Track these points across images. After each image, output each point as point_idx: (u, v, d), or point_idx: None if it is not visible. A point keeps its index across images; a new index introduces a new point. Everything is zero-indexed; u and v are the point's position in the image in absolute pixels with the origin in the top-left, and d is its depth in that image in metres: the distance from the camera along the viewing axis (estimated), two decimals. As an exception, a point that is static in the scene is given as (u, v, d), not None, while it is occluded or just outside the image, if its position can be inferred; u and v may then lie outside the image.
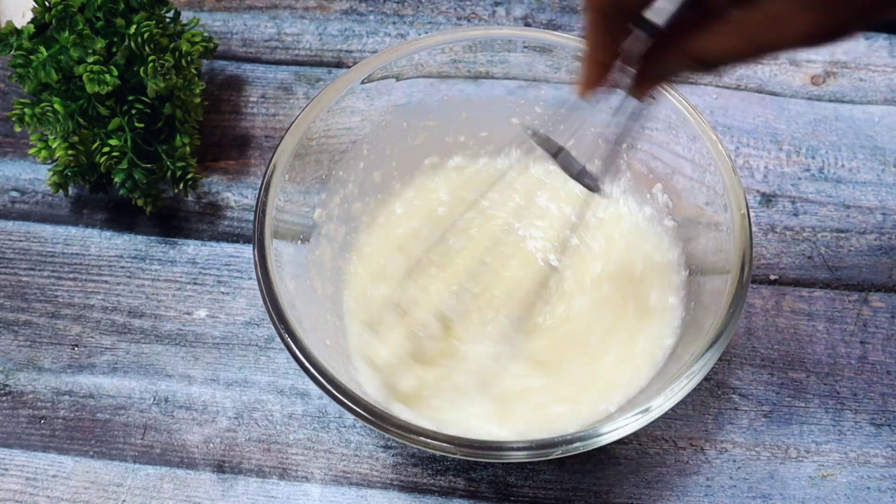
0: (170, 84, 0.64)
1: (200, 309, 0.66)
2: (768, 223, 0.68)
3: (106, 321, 0.65)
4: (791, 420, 0.61)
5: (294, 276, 0.57)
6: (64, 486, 0.59)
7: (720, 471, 0.59)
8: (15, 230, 0.69)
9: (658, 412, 0.50)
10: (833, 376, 0.62)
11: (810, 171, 0.70)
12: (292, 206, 0.58)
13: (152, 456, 0.60)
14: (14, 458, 0.61)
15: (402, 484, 0.59)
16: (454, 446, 0.49)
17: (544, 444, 0.49)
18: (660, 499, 0.58)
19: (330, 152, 0.62)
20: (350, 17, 0.79)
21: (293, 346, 0.51)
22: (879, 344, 0.63)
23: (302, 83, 0.75)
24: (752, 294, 0.65)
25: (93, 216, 0.70)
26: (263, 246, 0.54)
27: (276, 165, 0.57)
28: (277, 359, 0.63)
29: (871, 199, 0.69)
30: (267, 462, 0.60)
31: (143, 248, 0.68)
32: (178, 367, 0.63)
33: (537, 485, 0.59)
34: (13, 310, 0.66)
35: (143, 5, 0.65)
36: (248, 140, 0.73)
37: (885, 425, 0.60)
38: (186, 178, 0.66)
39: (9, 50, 0.64)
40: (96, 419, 0.62)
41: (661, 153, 0.61)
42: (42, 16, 0.63)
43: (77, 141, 0.63)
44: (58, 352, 0.64)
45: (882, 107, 0.73)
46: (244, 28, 0.78)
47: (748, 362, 0.62)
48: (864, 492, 0.58)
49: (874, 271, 0.66)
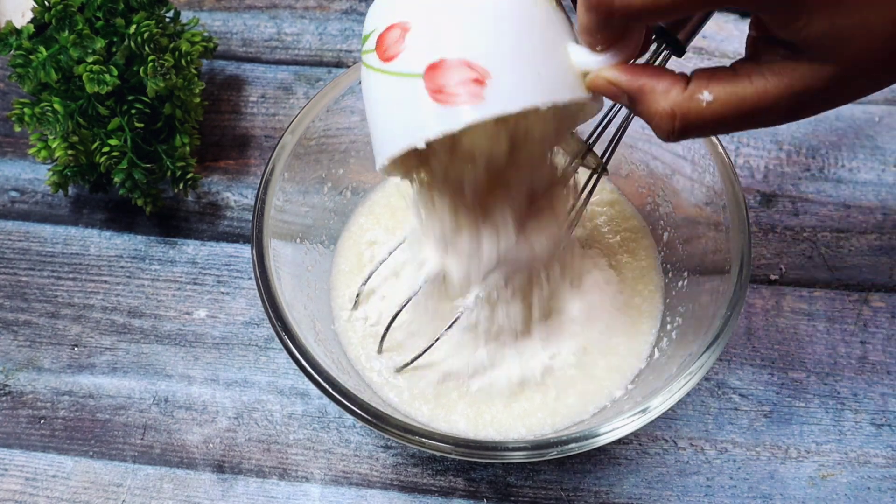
0: (170, 84, 0.64)
1: (200, 309, 0.66)
2: (768, 223, 0.68)
3: (106, 321, 0.65)
4: (791, 420, 0.61)
5: (293, 276, 0.57)
6: (64, 486, 0.59)
7: (720, 471, 0.59)
8: (15, 230, 0.69)
9: (657, 412, 0.50)
10: (833, 376, 0.62)
11: (810, 171, 0.70)
12: (291, 206, 0.58)
13: (152, 456, 0.60)
14: (14, 458, 0.61)
15: (402, 484, 0.59)
16: (452, 446, 0.49)
17: (542, 444, 0.49)
18: (660, 499, 0.58)
19: (329, 152, 0.62)
20: (350, 17, 0.79)
21: (291, 346, 0.51)
22: (879, 344, 0.63)
23: (302, 83, 0.75)
24: (752, 294, 0.65)
25: (93, 216, 0.70)
26: (262, 246, 0.54)
27: (275, 165, 0.57)
28: (277, 359, 0.63)
29: (871, 199, 0.69)
30: (267, 462, 0.60)
31: (142, 248, 0.68)
32: (178, 367, 0.63)
33: (537, 485, 0.59)
34: (13, 310, 0.66)
35: (143, 5, 0.65)
36: (247, 140, 0.73)
37: (885, 425, 0.60)
38: (186, 178, 0.66)
39: (9, 50, 0.64)
40: (96, 419, 0.62)
41: (661, 153, 0.61)
42: (42, 16, 0.63)
43: (77, 141, 0.63)
44: (58, 352, 0.64)
45: (882, 107, 0.72)
46: (244, 28, 0.78)
47: (748, 362, 0.62)
48: (865, 492, 0.58)
49: (874, 271, 0.66)
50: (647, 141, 0.61)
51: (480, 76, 0.42)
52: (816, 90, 0.37)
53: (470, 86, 0.42)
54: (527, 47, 0.43)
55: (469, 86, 0.42)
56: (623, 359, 0.58)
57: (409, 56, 0.42)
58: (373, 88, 0.45)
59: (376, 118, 0.46)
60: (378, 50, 0.44)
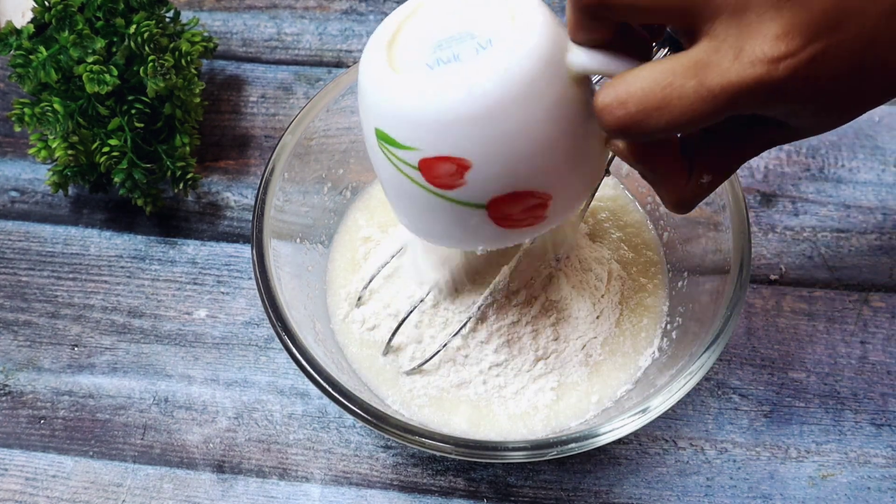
0: (170, 84, 0.64)
1: (200, 309, 0.66)
2: (768, 223, 0.68)
3: (106, 321, 0.65)
4: (791, 420, 0.61)
5: (293, 276, 0.57)
6: (64, 486, 0.59)
7: (720, 471, 0.59)
8: (15, 230, 0.69)
9: (657, 412, 0.50)
10: (833, 376, 0.62)
11: (810, 171, 0.70)
12: (291, 206, 0.58)
13: (152, 456, 0.60)
14: (14, 458, 0.61)
15: (402, 484, 0.59)
16: (452, 446, 0.49)
17: (542, 444, 0.49)
18: (660, 499, 0.58)
19: (329, 152, 0.62)
20: (350, 17, 0.79)
21: (291, 346, 0.51)
22: (880, 344, 0.63)
23: (302, 83, 0.75)
24: (752, 294, 0.65)
25: (93, 216, 0.70)
26: (262, 246, 0.54)
27: (275, 165, 0.57)
28: (277, 359, 0.63)
29: (871, 199, 0.69)
30: (267, 462, 0.60)
31: (142, 248, 0.68)
32: (178, 367, 0.63)
33: (537, 485, 0.59)
34: (13, 310, 0.66)
35: (143, 5, 0.65)
36: (247, 140, 0.73)
37: (885, 425, 0.60)
38: (186, 178, 0.66)
39: (9, 50, 0.64)
40: (96, 419, 0.62)
41: (661, 153, 0.61)
42: (42, 16, 0.63)
43: (77, 141, 0.63)
44: (58, 352, 0.64)
45: (882, 107, 0.72)
46: (244, 28, 0.78)
47: (748, 362, 0.62)
48: (865, 492, 0.58)
49: (874, 271, 0.66)
50: (647, 141, 0.61)
51: (543, 201, 0.44)
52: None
53: (535, 210, 0.44)
54: (580, 161, 0.44)
55: (534, 211, 0.44)
56: (628, 357, 0.58)
57: (472, 191, 0.42)
58: (416, 197, 0.44)
59: (417, 214, 0.46)
60: (426, 174, 0.42)
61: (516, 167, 0.42)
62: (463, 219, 0.44)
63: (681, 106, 0.36)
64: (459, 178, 0.42)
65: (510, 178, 0.42)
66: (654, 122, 0.36)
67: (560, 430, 0.55)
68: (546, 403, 0.56)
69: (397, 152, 0.43)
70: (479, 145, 0.41)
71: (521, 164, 0.42)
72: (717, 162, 0.42)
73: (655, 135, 0.37)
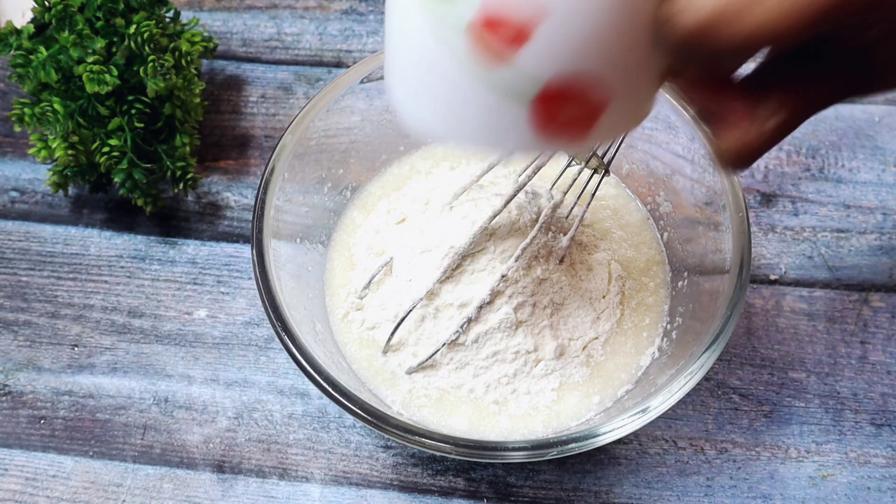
0: (170, 84, 0.64)
1: (200, 309, 0.66)
2: (768, 223, 0.68)
3: (106, 321, 0.65)
4: (791, 420, 0.61)
5: (293, 276, 0.57)
6: (64, 486, 0.59)
7: (720, 471, 0.59)
8: (15, 230, 0.69)
9: (657, 412, 0.50)
10: (833, 376, 0.62)
11: (810, 171, 0.70)
12: (291, 206, 0.58)
13: (152, 456, 0.60)
14: (14, 458, 0.61)
15: (402, 484, 0.59)
16: (452, 446, 0.49)
17: (542, 444, 0.49)
18: (660, 499, 0.58)
19: (329, 152, 0.62)
20: (350, 17, 0.79)
21: (291, 346, 0.51)
22: (880, 344, 0.63)
23: (302, 83, 0.75)
24: (752, 294, 0.65)
25: (93, 216, 0.70)
26: (262, 246, 0.54)
27: (275, 165, 0.57)
28: (277, 359, 0.63)
29: (871, 199, 0.69)
30: (267, 462, 0.60)
31: (142, 248, 0.68)
32: (178, 367, 0.63)
33: (537, 485, 0.59)
34: (13, 310, 0.66)
35: (143, 5, 0.65)
36: (247, 140, 0.73)
37: (885, 425, 0.60)
38: (186, 178, 0.66)
39: (9, 50, 0.64)
40: (96, 419, 0.62)
41: (661, 153, 0.61)
42: (42, 16, 0.63)
43: (77, 141, 0.63)
44: (58, 352, 0.64)
45: (882, 107, 0.72)
46: (244, 28, 0.78)
47: (748, 362, 0.62)
48: (865, 492, 0.58)
49: (874, 271, 0.66)
50: (647, 141, 0.61)
51: (597, 105, 0.37)
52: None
53: (582, 120, 0.38)
54: (643, 70, 0.37)
55: (582, 119, 0.38)
56: (629, 357, 0.58)
57: (525, 70, 0.35)
58: (445, 76, 0.37)
59: (439, 97, 0.38)
60: (477, 35, 0.35)
61: (597, 31, 0.34)
62: (498, 113, 0.37)
63: (765, 12, 0.31)
64: (517, 47, 0.34)
65: (582, 50, 0.34)
66: (730, 33, 0.31)
67: (560, 431, 0.55)
68: (546, 404, 0.56)
69: (441, 8, 0.35)
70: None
71: (601, 30, 0.34)
72: (788, 101, 0.37)
73: (729, 55, 0.33)
